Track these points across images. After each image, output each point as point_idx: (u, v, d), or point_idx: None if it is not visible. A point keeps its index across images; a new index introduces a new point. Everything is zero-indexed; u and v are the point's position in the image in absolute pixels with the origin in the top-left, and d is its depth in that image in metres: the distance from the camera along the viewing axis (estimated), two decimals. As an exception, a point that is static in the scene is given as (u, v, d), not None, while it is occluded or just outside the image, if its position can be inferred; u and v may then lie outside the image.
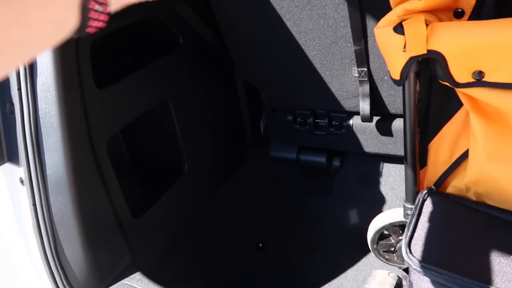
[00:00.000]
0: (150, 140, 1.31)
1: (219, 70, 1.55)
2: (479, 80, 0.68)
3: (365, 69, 1.24)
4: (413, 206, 0.90)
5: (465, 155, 0.83)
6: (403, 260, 1.44)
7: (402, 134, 1.37)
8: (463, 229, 0.74)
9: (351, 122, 1.45)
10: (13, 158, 0.95)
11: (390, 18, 0.72)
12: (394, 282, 1.18)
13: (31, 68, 0.87)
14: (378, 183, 1.60)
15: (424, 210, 0.81)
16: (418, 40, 0.67)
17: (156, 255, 1.23)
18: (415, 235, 0.75)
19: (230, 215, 1.58)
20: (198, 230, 1.41)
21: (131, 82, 1.10)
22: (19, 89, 0.87)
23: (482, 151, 0.74)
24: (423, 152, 0.88)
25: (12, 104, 0.92)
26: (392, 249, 1.45)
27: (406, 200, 0.91)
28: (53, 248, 0.93)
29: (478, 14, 0.71)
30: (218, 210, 1.54)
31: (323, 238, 1.67)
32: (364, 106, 1.32)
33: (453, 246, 0.71)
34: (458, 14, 0.73)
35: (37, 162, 0.89)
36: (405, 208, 0.92)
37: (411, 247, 0.73)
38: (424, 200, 0.83)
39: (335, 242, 1.64)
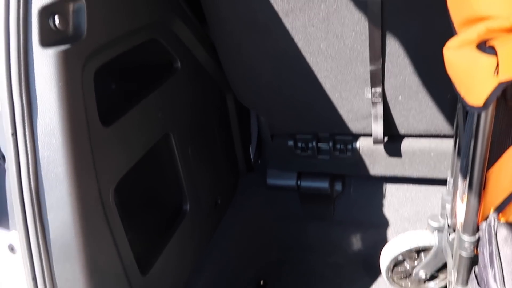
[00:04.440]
0: (149, 179, 1.14)
1: (213, 95, 1.42)
2: None
3: (379, 89, 1.19)
4: (473, 238, 0.84)
5: (529, 180, 0.78)
6: (417, 285, 1.39)
7: (412, 156, 1.37)
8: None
9: (357, 144, 1.39)
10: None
11: (468, 38, 0.66)
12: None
13: (30, 107, 0.68)
14: (381, 205, 1.54)
15: (500, 243, 0.74)
16: (512, 62, 0.61)
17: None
18: (505, 274, 0.68)
19: (230, 253, 1.43)
20: (199, 272, 1.25)
21: (136, 115, 0.94)
22: (14, 134, 0.68)
23: None
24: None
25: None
26: (406, 275, 1.39)
27: (464, 231, 0.84)
28: None
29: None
30: (218, 249, 1.38)
31: (327, 267, 1.58)
32: (377, 128, 1.27)
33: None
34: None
35: (37, 225, 0.70)
36: (461, 241, 0.85)
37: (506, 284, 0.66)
38: (495, 231, 0.77)
39: (340, 271, 1.56)
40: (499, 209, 0.82)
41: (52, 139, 0.69)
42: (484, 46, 0.63)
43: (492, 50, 0.62)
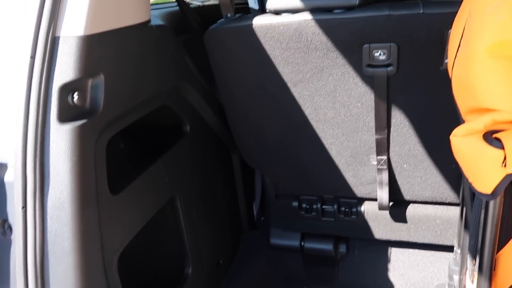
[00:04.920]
0: (153, 242, 1.13)
1: (219, 154, 1.43)
2: None
3: (385, 157, 1.20)
4: (485, 321, 0.82)
5: (539, 264, 0.77)
6: None
7: (418, 222, 1.36)
8: None
9: (362, 208, 1.38)
10: (-1, 291, 0.73)
11: (474, 127, 0.67)
12: None
13: (42, 181, 0.69)
14: (386, 269, 1.51)
15: (512, 332, 0.72)
16: (520, 155, 0.62)
17: None
18: None
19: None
20: None
21: (143, 181, 0.95)
22: (24, 207, 0.68)
23: None
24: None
25: (6, 222, 0.72)
26: None
27: (476, 314, 0.82)
28: None
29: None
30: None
31: (330, 333, 1.52)
32: (382, 195, 1.27)
33: None
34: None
35: None
36: (473, 323, 0.83)
37: None
38: (508, 320, 0.75)
39: (344, 337, 1.50)
40: (510, 292, 0.80)
41: (62, 212, 0.70)
42: (491, 138, 0.64)
43: (499, 144, 0.63)
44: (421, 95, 1.06)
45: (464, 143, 0.68)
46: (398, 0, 1.00)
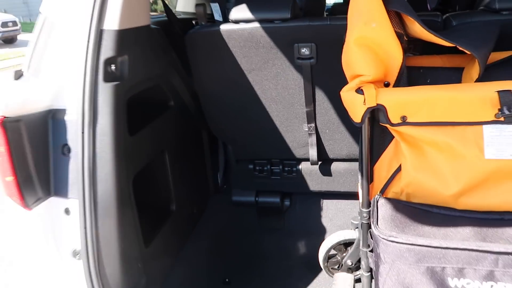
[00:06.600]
0: (150, 183, 1.55)
1: (192, 130, 1.88)
2: (404, 121, 1.16)
3: (313, 124, 1.71)
4: (368, 209, 1.32)
5: (396, 171, 1.29)
6: (348, 272, 1.82)
7: (339, 175, 1.87)
8: (406, 215, 1.17)
9: (300, 167, 1.88)
10: (59, 192, 1.13)
11: (351, 86, 1.18)
12: (353, 278, 1.54)
13: (94, 116, 1.11)
14: (320, 216, 2.01)
15: (379, 208, 1.23)
16: (372, 98, 1.13)
17: (159, 279, 1.42)
18: (379, 221, 1.15)
19: (201, 254, 1.81)
20: (176, 265, 1.62)
21: (146, 132, 1.38)
22: (82, 132, 1.09)
23: (410, 165, 1.20)
24: (371, 172, 1.32)
25: (66, 146, 1.12)
26: (339, 266, 1.82)
27: (362, 207, 1.32)
28: (97, 268, 1.09)
29: (397, 84, 1.22)
30: (192, 249, 1.76)
31: (280, 270, 1.97)
32: (313, 153, 1.77)
33: (402, 224, 1.13)
34: (386, 85, 1.23)
35: (92, 192, 1.09)
36: (361, 212, 1.33)
37: (379, 225, 1.13)
38: (377, 202, 1.25)
39: (290, 272, 1.96)
40: (382, 191, 1.31)
41: (105, 137, 1.11)
42: (359, 90, 1.15)
43: (361, 92, 1.14)
44: (335, 79, 1.57)
45: (346, 95, 1.19)
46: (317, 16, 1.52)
